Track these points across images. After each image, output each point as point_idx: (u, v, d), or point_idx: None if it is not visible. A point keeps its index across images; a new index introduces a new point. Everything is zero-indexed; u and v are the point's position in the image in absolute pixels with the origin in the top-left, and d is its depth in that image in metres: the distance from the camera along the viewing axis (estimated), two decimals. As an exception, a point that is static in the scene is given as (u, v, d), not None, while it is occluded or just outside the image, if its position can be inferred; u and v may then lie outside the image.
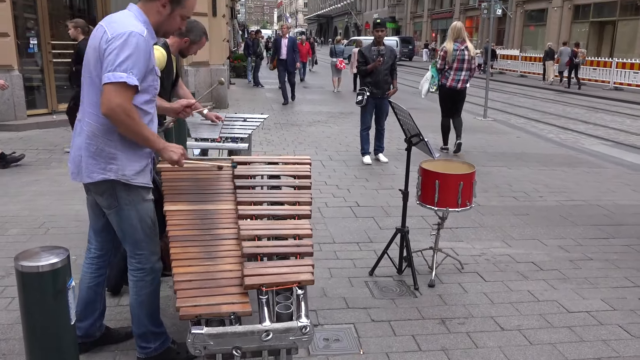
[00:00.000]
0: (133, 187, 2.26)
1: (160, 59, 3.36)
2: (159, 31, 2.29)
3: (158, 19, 2.23)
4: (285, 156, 2.93)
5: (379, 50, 6.76)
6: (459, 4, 39.51)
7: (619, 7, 24.87)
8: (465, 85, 7.38)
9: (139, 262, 2.39)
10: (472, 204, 3.51)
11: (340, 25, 75.09)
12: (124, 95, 2.04)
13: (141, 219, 2.32)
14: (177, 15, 2.26)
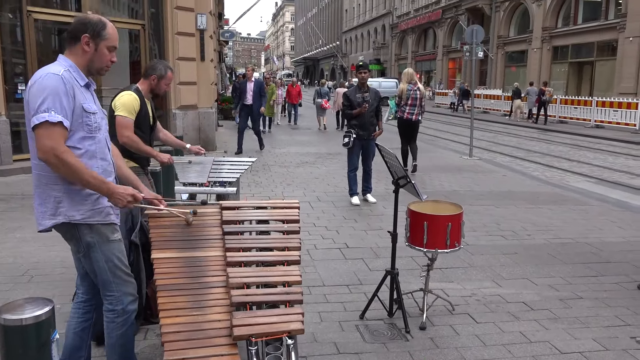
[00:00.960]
0: (95, 227, 2.26)
1: (134, 102, 3.38)
2: (92, 69, 2.32)
3: (85, 58, 2.27)
4: (273, 200, 2.94)
5: (363, 97, 6.83)
6: (441, 46, 40.62)
7: (595, 48, 25.72)
8: (418, 117, 9.05)
9: (110, 303, 2.37)
10: (460, 244, 3.51)
11: (327, 68, 76.60)
12: (52, 136, 2.06)
13: (107, 260, 2.31)
14: (103, 48, 2.29)
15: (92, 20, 2.28)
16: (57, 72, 2.14)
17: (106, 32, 2.29)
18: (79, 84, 2.25)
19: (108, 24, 2.31)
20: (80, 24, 2.28)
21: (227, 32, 25.86)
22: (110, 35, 2.31)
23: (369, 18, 58.25)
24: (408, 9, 47.34)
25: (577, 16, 27.07)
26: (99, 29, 2.27)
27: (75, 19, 2.33)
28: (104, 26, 2.29)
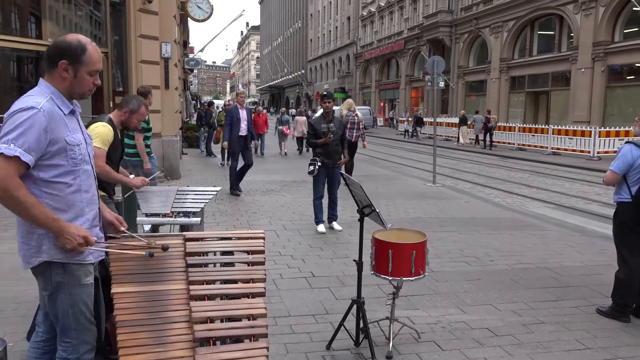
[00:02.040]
0: (69, 267, 2.14)
1: (108, 134, 3.38)
2: (73, 95, 2.21)
3: (65, 84, 2.15)
4: (238, 231, 2.91)
5: (328, 127, 6.85)
6: (404, 75, 41.62)
7: (550, 78, 26.83)
8: (356, 139, 10.84)
9: (64, 351, 2.21)
10: (425, 272, 3.55)
11: (292, 96, 77.25)
12: (4, 168, 1.94)
13: (73, 305, 2.17)
14: (84, 73, 2.17)
15: (70, 44, 2.13)
16: (37, 106, 2.02)
17: (86, 56, 2.15)
18: (63, 113, 2.13)
19: (88, 47, 2.17)
20: (56, 48, 2.14)
21: (192, 60, 25.87)
22: (92, 59, 2.17)
23: (333, 47, 59.33)
24: (371, 40, 48.48)
25: (533, 48, 28.28)
26: (77, 53, 2.13)
27: (53, 42, 2.20)
28: (84, 50, 2.15)
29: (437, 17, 34.50)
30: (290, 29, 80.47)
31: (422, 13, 37.53)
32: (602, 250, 6.20)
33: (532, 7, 26.74)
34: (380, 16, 46.64)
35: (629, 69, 22.39)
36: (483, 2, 31.12)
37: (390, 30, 44.71)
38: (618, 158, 4.15)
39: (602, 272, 5.36)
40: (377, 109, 47.26)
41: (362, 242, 3.67)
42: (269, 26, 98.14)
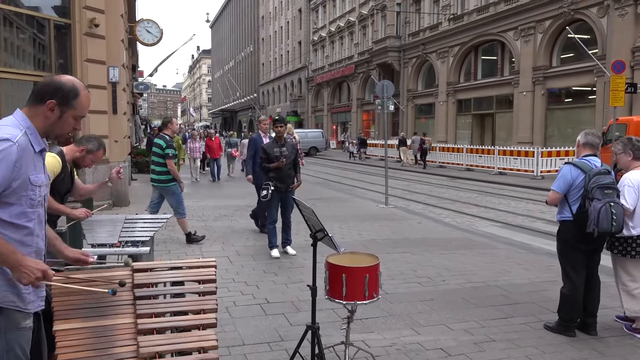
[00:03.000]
0: (6, 311, 1.98)
1: (55, 165, 3.28)
2: (50, 135, 2.12)
3: (46, 123, 2.05)
4: (189, 260, 2.85)
5: (281, 152, 6.85)
6: (355, 98, 42.36)
7: (495, 101, 27.95)
8: None
9: None
10: (378, 295, 3.56)
11: (245, 119, 77.01)
12: None
13: (9, 349, 2.00)
14: (69, 117, 2.09)
15: (64, 85, 2.05)
16: (12, 138, 1.91)
17: (77, 102, 2.08)
18: (34, 150, 2.02)
19: (82, 93, 2.10)
20: (48, 86, 2.05)
21: (141, 84, 25.43)
22: (82, 105, 2.10)
23: (285, 71, 59.80)
24: (323, 64, 49.20)
25: (477, 72, 29.44)
26: (70, 97, 2.06)
27: (47, 78, 2.10)
28: (76, 95, 2.08)
29: (386, 42, 35.45)
30: (241, 52, 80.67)
31: (372, 38, 38.49)
32: (548, 266, 6.42)
33: (476, 33, 27.93)
34: (331, 41, 47.49)
35: (567, 92, 23.64)
36: (429, 29, 32.26)
37: (340, 55, 45.55)
38: (559, 178, 4.34)
39: (548, 289, 5.54)
40: (330, 131, 47.77)
41: (316, 266, 3.66)
42: (220, 50, 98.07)
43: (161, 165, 7.39)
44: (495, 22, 26.34)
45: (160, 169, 7.41)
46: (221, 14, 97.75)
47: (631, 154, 4.38)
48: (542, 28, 23.62)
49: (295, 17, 56.45)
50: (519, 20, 24.67)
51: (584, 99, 22.51)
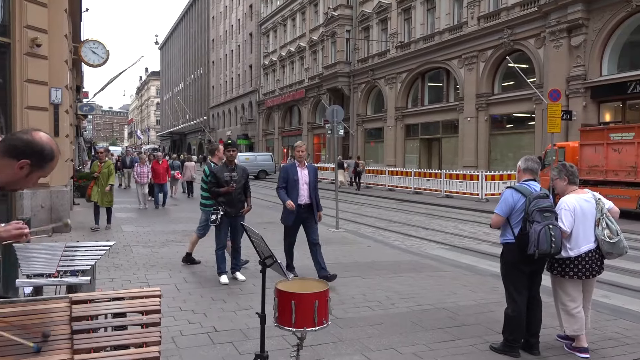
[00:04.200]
0: None
1: None
2: (6, 187, 2.05)
3: (9, 178, 2.00)
4: (131, 290, 2.74)
5: (231, 176, 6.78)
6: (306, 122, 42.69)
7: (441, 126, 28.83)
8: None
9: None
10: (328, 321, 3.54)
11: (194, 142, 76.06)
12: None
13: None
14: (35, 177, 2.06)
15: (43, 149, 2.01)
16: None
17: (49, 165, 2.04)
18: None
19: (56, 157, 2.06)
20: (29, 146, 1.99)
21: (86, 105, 24.72)
22: (51, 168, 2.07)
23: (236, 95, 59.69)
24: (274, 87, 49.45)
25: (424, 98, 30.36)
26: (45, 162, 2.02)
27: (28, 135, 2.02)
28: (51, 159, 2.04)
29: (336, 67, 36.07)
30: (191, 75, 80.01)
31: (322, 63, 39.08)
32: (493, 288, 6.59)
33: (422, 61, 28.87)
34: (282, 65, 47.88)
35: (508, 118, 24.70)
36: (378, 55, 33.10)
37: (291, 79, 45.94)
38: (501, 202, 4.49)
39: (493, 310, 5.67)
40: (281, 155, 47.82)
41: (265, 293, 3.61)
42: (170, 72, 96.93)
43: (205, 190, 7.65)
44: (440, 50, 27.35)
45: (206, 193, 7.58)
46: (170, 36, 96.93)
47: (566, 179, 4.60)
48: (484, 57, 24.69)
49: (246, 41, 56.68)
50: (463, 49, 25.72)
51: (524, 125, 23.57)
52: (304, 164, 7.01)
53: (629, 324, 5.30)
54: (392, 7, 31.36)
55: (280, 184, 6.92)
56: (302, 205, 6.83)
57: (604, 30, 18.99)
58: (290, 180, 6.81)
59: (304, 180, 6.88)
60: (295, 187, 6.79)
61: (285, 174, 6.90)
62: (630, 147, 14.01)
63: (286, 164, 7.29)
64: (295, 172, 6.87)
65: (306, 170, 6.95)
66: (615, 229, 4.42)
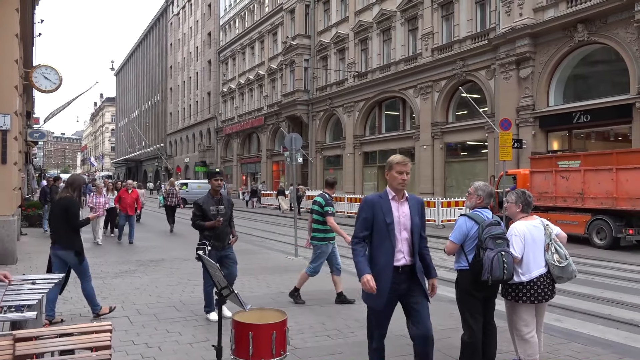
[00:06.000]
0: None
1: None
2: None
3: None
4: (81, 325, 2.64)
5: (217, 210, 6.34)
6: (265, 149, 42.66)
7: (398, 153, 29.30)
8: (176, 204, 18.28)
9: None
10: (286, 352, 3.50)
11: (150, 169, 74.67)
12: None
13: None
14: None
15: None
16: None
17: None
18: None
19: None
20: None
21: (36, 132, 23.97)
22: None
23: (194, 121, 59.20)
24: (232, 114, 49.36)
25: (381, 126, 30.93)
26: None
27: None
28: None
29: (295, 95, 36.40)
30: (148, 101, 79.01)
31: (281, 91, 39.37)
32: (450, 314, 6.66)
33: (379, 90, 29.52)
34: (241, 92, 47.95)
35: (462, 146, 25.41)
36: (336, 84, 33.64)
37: (250, 106, 46.01)
38: (455, 229, 4.59)
39: (450, 336, 5.72)
40: (239, 182, 47.47)
41: (221, 325, 3.54)
42: (126, 98, 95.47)
43: (318, 222, 7.38)
44: (396, 80, 28.05)
45: (317, 226, 7.38)
46: (127, 62, 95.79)
47: (520, 206, 4.75)
48: (438, 87, 25.47)
49: (204, 68, 56.59)
50: (418, 79, 26.47)
51: (478, 153, 24.29)
52: (404, 196, 4.15)
53: (581, 347, 5.45)
54: (349, 37, 32.08)
55: (358, 231, 4.10)
56: (401, 269, 4.02)
57: (550, 63, 19.97)
58: (379, 225, 4.01)
59: (404, 225, 4.05)
60: (386, 238, 3.98)
61: (369, 214, 4.06)
62: (577, 174, 14.63)
63: (372, 195, 4.27)
64: (388, 209, 4.05)
65: (406, 207, 4.10)
66: (564, 254, 4.58)
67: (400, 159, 4.10)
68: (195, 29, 59.86)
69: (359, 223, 4.13)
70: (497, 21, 21.84)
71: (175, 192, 18.16)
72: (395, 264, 3.98)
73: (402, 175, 4.03)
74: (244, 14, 47.61)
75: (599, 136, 20.20)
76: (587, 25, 18.39)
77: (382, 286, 3.89)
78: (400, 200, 4.10)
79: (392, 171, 4.08)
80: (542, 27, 19.85)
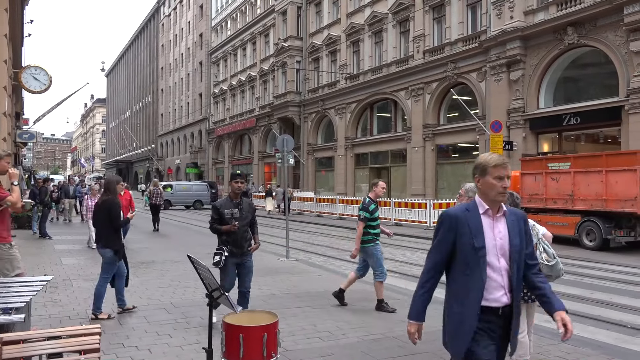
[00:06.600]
0: None
1: None
2: None
3: None
4: (69, 327, 2.61)
5: (232, 213, 6.04)
6: (257, 151, 42.58)
7: (390, 155, 29.43)
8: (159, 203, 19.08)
9: None
10: (277, 354, 3.48)
11: (141, 171, 74.32)
12: None
13: None
14: None
15: None
16: None
17: None
18: None
19: None
20: None
21: (25, 133, 23.75)
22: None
23: (185, 123, 58.99)
24: (224, 116, 49.24)
25: (373, 128, 30.99)
26: None
27: None
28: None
29: (287, 97, 36.38)
30: (139, 102, 78.66)
31: (273, 93, 39.33)
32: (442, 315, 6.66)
33: (371, 92, 29.58)
34: (232, 94, 47.85)
35: (453, 148, 25.51)
36: (328, 86, 33.66)
37: (242, 108, 45.93)
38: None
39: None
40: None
41: (212, 327, 3.52)
42: (116, 99, 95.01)
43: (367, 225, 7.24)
44: (388, 82, 28.12)
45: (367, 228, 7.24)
46: (118, 62, 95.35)
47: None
48: (429, 89, 25.57)
49: (196, 70, 56.43)
50: (409, 81, 26.56)
51: (469, 155, 24.39)
52: (501, 209, 2.95)
53: (571, 348, 5.47)
54: (341, 39, 32.12)
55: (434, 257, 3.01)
56: (495, 312, 2.88)
57: (540, 65, 20.11)
58: (465, 251, 2.88)
59: (501, 249, 2.89)
60: (475, 267, 2.85)
61: (450, 235, 2.93)
62: (567, 176, 14.73)
63: (455, 209, 3.04)
64: (478, 228, 2.89)
65: (503, 225, 2.93)
66: (552, 252, 4.61)
67: (498, 160, 2.92)
68: (187, 30, 59.69)
69: (435, 243, 2.99)
70: (488, 24, 21.98)
71: (159, 192, 19.09)
72: (493, 304, 2.83)
73: (502, 181, 2.87)
74: (235, 15, 47.54)
75: (589, 138, 20.36)
76: (577, 28, 18.55)
77: (466, 331, 2.86)
78: (495, 215, 2.91)
79: (488, 176, 2.90)
80: (533, 29, 19.99)
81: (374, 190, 7.52)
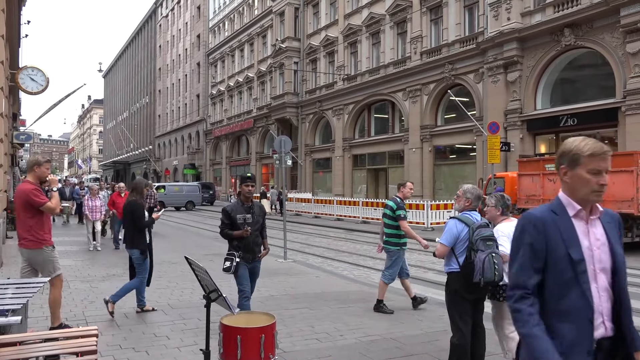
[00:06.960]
0: None
1: None
2: None
3: None
4: (66, 329, 2.60)
5: (244, 219, 5.83)
6: (255, 152, 42.56)
7: (387, 156, 29.44)
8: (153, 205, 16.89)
9: None
10: (275, 355, 3.47)
11: (139, 172, 74.18)
12: None
13: None
14: None
15: None
16: None
17: None
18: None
19: None
20: None
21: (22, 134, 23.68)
22: None
23: (183, 124, 58.91)
24: (221, 117, 49.20)
25: (371, 129, 31.00)
26: None
27: None
28: None
29: (284, 98, 36.37)
30: (136, 104, 78.52)
31: (270, 94, 39.31)
32: (440, 316, 6.66)
33: (368, 93, 29.59)
34: (230, 95, 47.82)
35: (451, 149, 25.54)
36: (325, 87, 33.68)
37: (239, 109, 45.90)
38: (445, 232, 4.59)
39: (440, 338, 5.73)
40: (228, 184, 47.30)
41: (209, 329, 3.51)
42: (114, 100, 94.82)
43: (390, 227, 7.25)
44: (385, 83, 28.14)
45: (390, 231, 7.25)
46: (115, 63, 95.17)
47: (500, 209, 4.78)
48: (427, 90, 25.59)
49: (193, 71, 56.38)
50: (407, 82, 26.58)
51: (466, 156, 24.43)
52: (595, 210, 2.29)
53: (568, 349, 5.47)
54: (338, 40, 32.13)
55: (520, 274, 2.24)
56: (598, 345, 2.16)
57: (537, 67, 20.15)
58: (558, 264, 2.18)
59: (599, 261, 2.23)
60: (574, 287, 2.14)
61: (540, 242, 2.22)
62: (564, 177, 14.72)
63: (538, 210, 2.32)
64: (571, 235, 2.21)
65: (599, 229, 2.30)
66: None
67: (596, 148, 2.24)
68: (184, 31, 59.63)
69: (518, 258, 2.27)
70: (485, 25, 22.01)
71: (152, 194, 18.71)
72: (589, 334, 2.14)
73: (599, 176, 2.23)
74: (233, 16, 47.52)
75: (586, 139, 20.37)
76: (574, 29, 18.59)
77: None
78: (589, 218, 2.27)
79: (579, 169, 2.24)
80: (530, 31, 20.03)
81: (401, 191, 7.51)
